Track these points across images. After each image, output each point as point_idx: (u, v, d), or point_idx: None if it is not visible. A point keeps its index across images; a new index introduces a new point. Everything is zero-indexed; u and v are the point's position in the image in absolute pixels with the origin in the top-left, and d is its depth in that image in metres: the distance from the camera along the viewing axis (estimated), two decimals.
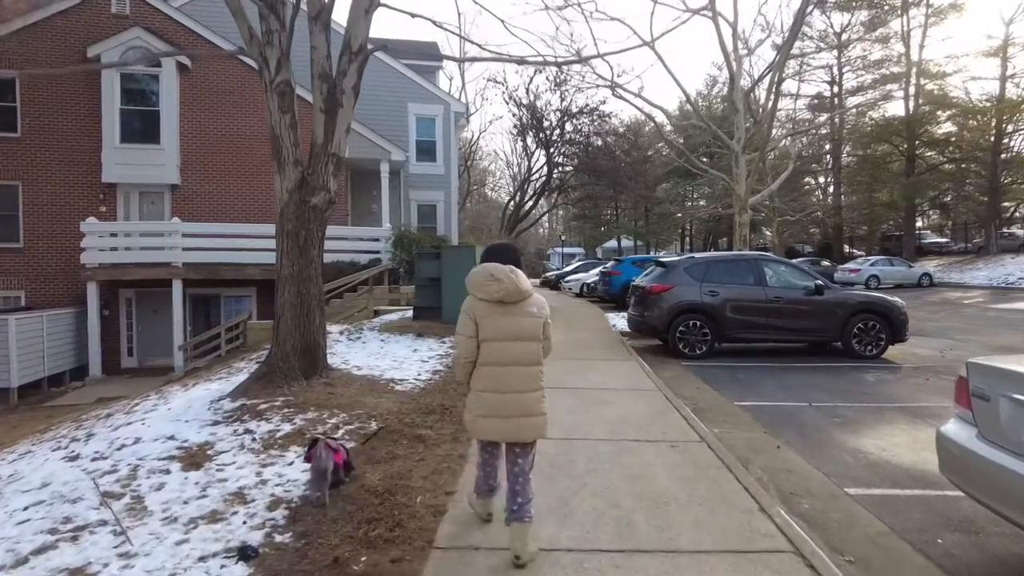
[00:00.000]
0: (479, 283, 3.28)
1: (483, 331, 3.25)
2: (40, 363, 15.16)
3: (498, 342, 3.25)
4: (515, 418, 3.26)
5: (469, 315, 3.29)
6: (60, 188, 17.45)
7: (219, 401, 5.94)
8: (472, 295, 3.33)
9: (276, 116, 6.02)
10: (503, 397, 3.25)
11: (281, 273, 6.18)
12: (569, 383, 7.71)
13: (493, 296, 3.24)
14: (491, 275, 3.26)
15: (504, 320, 3.25)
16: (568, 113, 24.53)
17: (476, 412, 3.31)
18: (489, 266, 3.32)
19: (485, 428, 3.31)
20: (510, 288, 3.23)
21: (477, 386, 3.32)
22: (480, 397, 3.29)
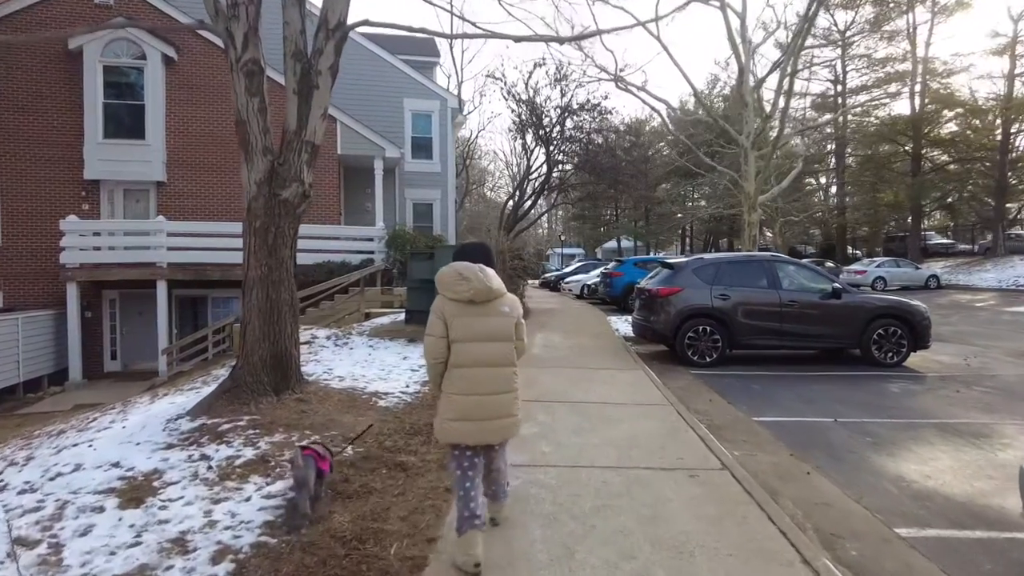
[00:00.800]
0: (448, 282, 3.21)
1: (454, 332, 3.16)
2: (15, 368, 14.46)
3: (470, 343, 3.17)
4: (489, 420, 3.19)
5: (439, 315, 3.20)
6: (40, 185, 16.77)
7: (178, 420, 5.26)
8: (441, 295, 3.23)
9: (243, 99, 5.35)
10: (477, 399, 3.17)
11: (248, 275, 5.50)
12: (572, 396, 7.04)
13: (462, 296, 3.16)
14: (459, 274, 3.19)
15: (475, 320, 3.18)
16: (568, 109, 23.83)
17: (447, 416, 3.21)
18: (458, 265, 3.24)
19: (457, 431, 3.19)
20: (479, 287, 3.16)
21: (449, 389, 3.22)
22: (452, 400, 3.20)
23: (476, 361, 3.17)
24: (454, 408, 3.18)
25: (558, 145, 24.46)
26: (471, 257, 3.33)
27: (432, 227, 20.61)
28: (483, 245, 3.64)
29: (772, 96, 18.13)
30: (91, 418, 6.67)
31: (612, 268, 19.06)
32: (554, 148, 24.41)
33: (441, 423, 3.24)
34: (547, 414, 6.20)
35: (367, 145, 18.24)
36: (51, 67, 16.77)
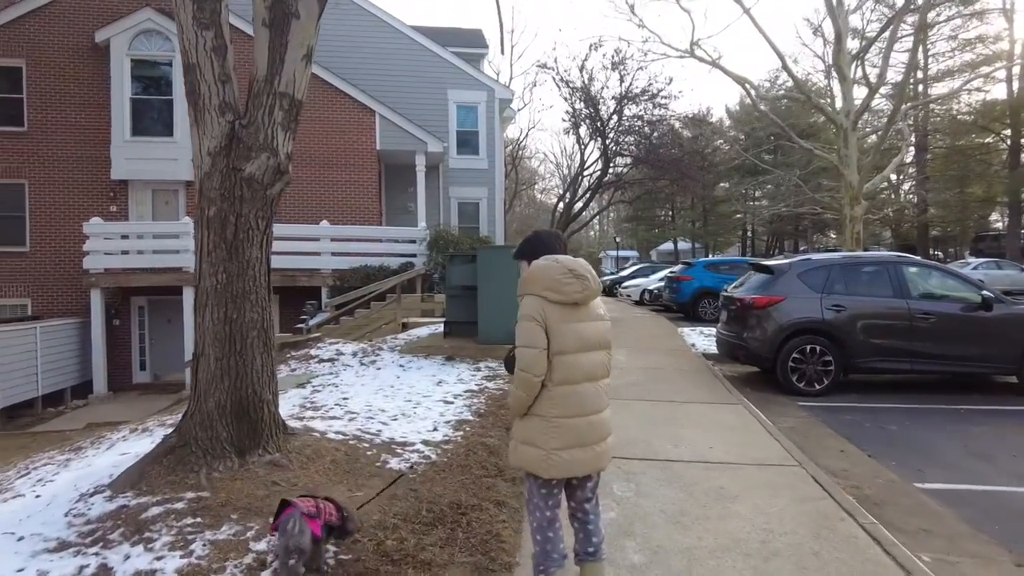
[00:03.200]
0: (551, 280, 2.63)
1: (557, 341, 2.60)
2: (32, 380, 13.47)
3: (574, 354, 2.64)
4: (596, 444, 2.69)
5: (539, 321, 2.60)
6: (68, 186, 15.90)
7: (93, 496, 3.66)
8: (538, 296, 2.63)
9: (190, 33, 3.71)
10: (588, 421, 2.67)
11: (200, 285, 3.88)
12: (658, 449, 5.17)
13: (571, 297, 2.63)
14: (569, 270, 2.65)
15: (580, 326, 2.67)
16: (627, 96, 21.81)
17: (554, 445, 2.61)
18: (564, 260, 2.70)
19: (567, 464, 2.62)
20: (594, 287, 2.70)
21: (551, 411, 2.62)
22: (558, 426, 2.62)
23: (585, 375, 2.67)
24: (563, 434, 2.62)
25: (615, 137, 22.47)
26: (554, 248, 2.78)
27: (479, 228, 18.97)
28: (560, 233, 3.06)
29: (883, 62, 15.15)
30: (28, 468, 5.19)
31: (679, 271, 16.98)
32: (610, 141, 22.41)
33: (547, 457, 2.61)
34: (627, 482, 4.37)
35: (408, 139, 16.75)
36: (77, 62, 15.90)
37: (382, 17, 18.52)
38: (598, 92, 22.04)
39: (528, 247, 2.84)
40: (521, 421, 2.71)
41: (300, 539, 2.84)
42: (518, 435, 2.73)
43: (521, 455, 2.69)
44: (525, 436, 2.68)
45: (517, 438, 2.73)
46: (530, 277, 2.69)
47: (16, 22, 15.71)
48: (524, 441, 2.68)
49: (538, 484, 2.70)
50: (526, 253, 2.84)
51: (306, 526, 2.88)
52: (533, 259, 2.78)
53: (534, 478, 2.69)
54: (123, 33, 15.50)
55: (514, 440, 2.76)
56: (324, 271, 14.93)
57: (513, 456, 2.76)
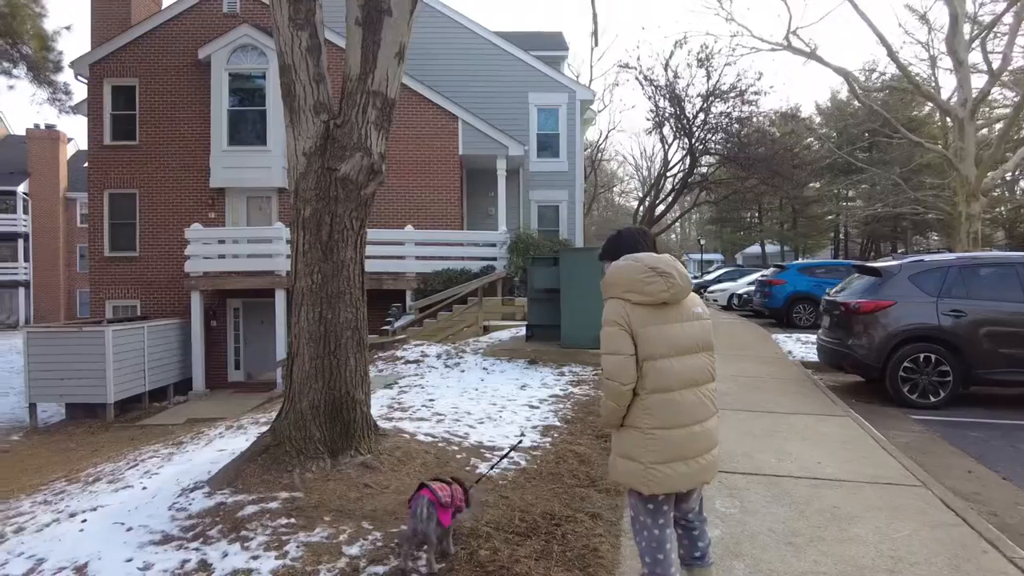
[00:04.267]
0: (632, 281, 2.44)
1: (645, 346, 2.40)
2: (141, 377, 14.36)
3: (666, 359, 2.41)
4: (700, 456, 2.46)
5: (623, 325, 2.41)
6: (173, 195, 16.92)
7: (193, 492, 3.74)
8: (619, 299, 2.45)
9: (286, 33, 3.75)
10: (687, 432, 2.44)
11: (296, 285, 3.90)
12: (762, 463, 4.83)
13: (657, 297, 2.42)
14: (652, 268, 2.43)
15: (671, 328, 2.44)
16: (715, 93, 21.06)
17: (652, 459, 2.41)
18: (645, 257, 2.49)
19: (667, 479, 2.41)
20: (683, 284, 2.46)
21: (646, 422, 2.43)
22: (655, 438, 2.41)
23: (681, 381, 2.46)
24: (661, 447, 2.43)
25: (700, 136, 21.74)
26: (637, 245, 2.57)
27: (558, 231, 18.78)
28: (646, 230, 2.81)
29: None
30: (137, 460, 5.43)
31: (771, 275, 16.16)
32: (696, 139, 21.70)
33: (645, 471, 2.43)
34: (731, 498, 4.07)
35: (490, 144, 16.81)
36: (183, 78, 16.90)
37: (463, 23, 18.71)
38: (683, 90, 21.43)
39: (610, 247, 2.67)
40: (618, 433, 2.54)
41: (427, 525, 2.88)
42: (616, 448, 2.56)
43: (620, 470, 2.52)
44: (622, 449, 2.51)
45: (615, 451, 2.56)
46: (609, 279, 2.53)
47: (131, 44, 16.88)
48: (622, 455, 2.50)
49: (643, 501, 2.50)
50: (608, 253, 2.67)
51: (434, 512, 2.91)
52: (614, 259, 2.61)
53: (637, 495, 2.50)
54: (222, 49, 16.34)
55: (613, 454, 2.59)
56: (408, 274, 15.18)
57: (612, 471, 2.59)
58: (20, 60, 14.85)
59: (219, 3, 17.13)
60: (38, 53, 14.54)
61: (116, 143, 16.92)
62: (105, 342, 13.21)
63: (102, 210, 16.95)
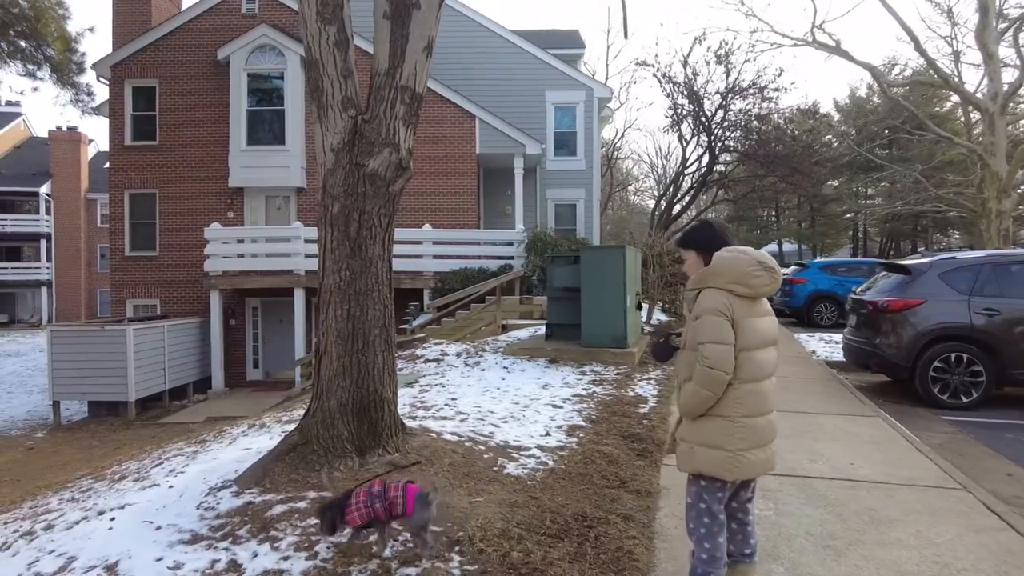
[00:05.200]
0: (741, 272, 2.52)
1: (743, 337, 2.51)
2: (161, 375, 14.48)
3: (756, 350, 2.55)
4: (772, 444, 2.66)
5: (727, 316, 2.50)
6: (192, 195, 17.04)
7: (221, 491, 3.71)
8: (722, 289, 2.53)
9: (314, 28, 3.72)
10: (765, 420, 2.61)
11: (324, 282, 3.86)
12: (794, 464, 4.73)
13: (759, 291, 2.56)
14: (759, 262, 2.53)
15: (760, 321, 2.58)
16: (734, 91, 20.85)
17: (740, 446, 2.53)
18: (750, 251, 2.58)
19: (751, 465, 2.57)
20: (779, 279, 2.61)
21: (735, 411, 2.53)
22: (742, 426, 2.54)
23: (765, 372, 2.62)
24: (748, 435, 2.55)
25: (719, 134, 21.53)
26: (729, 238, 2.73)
27: (575, 229, 18.69)
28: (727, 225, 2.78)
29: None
30: (161, 458, 5.43)
31: (792, 273, 15.96)
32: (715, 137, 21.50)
33: (733, 458, 2.53)
34: (764, 500, 3.98)
35: (507, 143, 16.76)
36: (202, 79, 17.01)
37: (480, 21, 18.67)
38: (701, 87, 21.22)
39: (701, 236, 2.76)
40: (697, 423, 2.59)
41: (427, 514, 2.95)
42: (694, 438, 2.60)
43: (702, 459, 2.57)
44: (705, 438, 2.56)
45: (692, 441, 2.60)
46: (716, 269, 2.57)
47: (151, 46, 17.02)
48: (705, 444, 2.56)
49: (716, 488, 2.59)
50: (700, 243, 2.73)
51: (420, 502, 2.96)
52: (704, 249, 2.69)
53: (712, 481, 2.58)
54: (241, 49, 16.43)
55: (687, 443, 2.64)
56: (426, 273, 15.16)
57: (689, 461, 2.62)
58: (44, 62, 15.04)
59: (238, 4, 17.23)
60: (62, 55, 14.71)
61: (136, 144, 17.06)
62: (126, 341, 13.33)
63: (123, 210, 17.11)
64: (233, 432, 6.37)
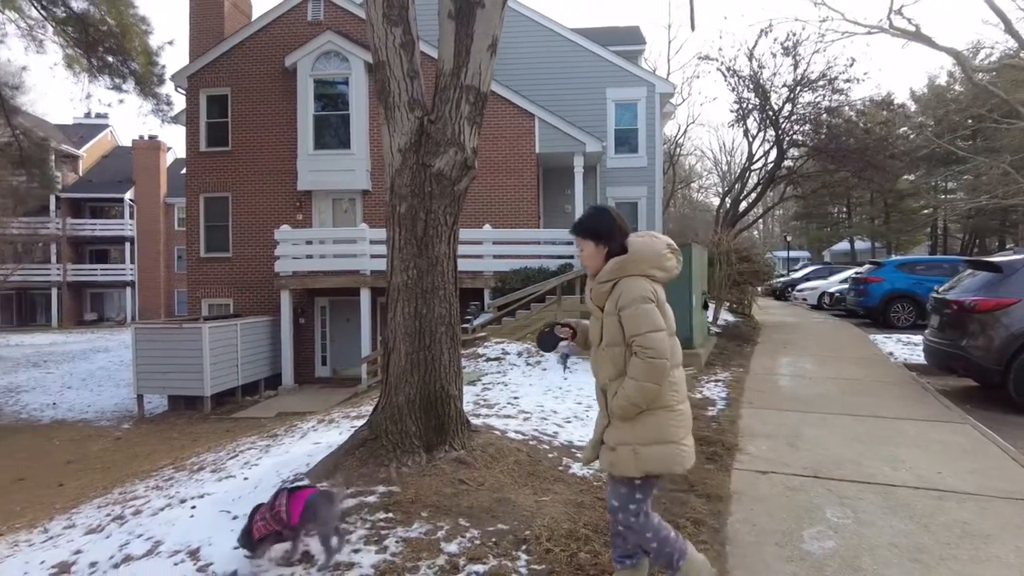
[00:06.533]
0: (660, 255, 2.49)
1: (668, 322, 2.45)
2: (234, 371, 15.08)
3: (673, 335, 2.48)
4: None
5: (656, 301, 2.41)
6: (262, 198, 17.68)
7: (293, 482, 3.82)
8: (644, 276, 2.44)
9: (380, 30, 3.78)
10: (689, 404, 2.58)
11: (392, 281, 3.93)
12: (871, 470, 4.50)
13: (672, 274, 2.52)
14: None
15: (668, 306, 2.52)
16: (802, 83, 20.11)
17: (681, 435, 2.46)
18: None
19: (691, 452, 2.51)
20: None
21: (673, 399, 2.45)
22: (680, 413, 2.48)
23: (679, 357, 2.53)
24: (685, 422, 2.49)
25: (787, 128, 20.80)
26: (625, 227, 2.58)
27: (637, 228, 18.38)
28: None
29: None
30: (236, 451, 5.65)
31: (866, 272, 15.25)
32: (783, 131, 20.79)
33: (679, 449, 2.44)
34: (842, 507, 3.80)
35: (567, 141, 16.68)
36: (271, 86, 17.63)
37: (539, 20, 18.66)
38: (768, 80, 20.56)
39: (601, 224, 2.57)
40: (636, 422, 2.42)
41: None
42: (635, 438, 2.42)
43: (651, 458, 2.41)
44: (651, 435, 2.41)
45: (633, 442, 2.42)
46: (636, 256, 2.47)
47: (224, 56, 17.77)
48: (652, 441, 2.40)
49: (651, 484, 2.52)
50: (599, 232, 2.55)
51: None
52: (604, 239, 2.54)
53: (655, 479, 2.50)
54: (307, 56, 16.94)
55: (628, 446, 2.44)
56: (487, 273, 15.25)
57: (633, 464, 2.43)
58: (129, 75, 15.91)
59: (304, 12, 17.77)
60: (145, 68, 15.52)
61: (211, 150, 17.84)
62: (202, 338, 13.95)
63: (198, 213, 17.93)
64: (303, 427, 6.57)
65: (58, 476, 9.83)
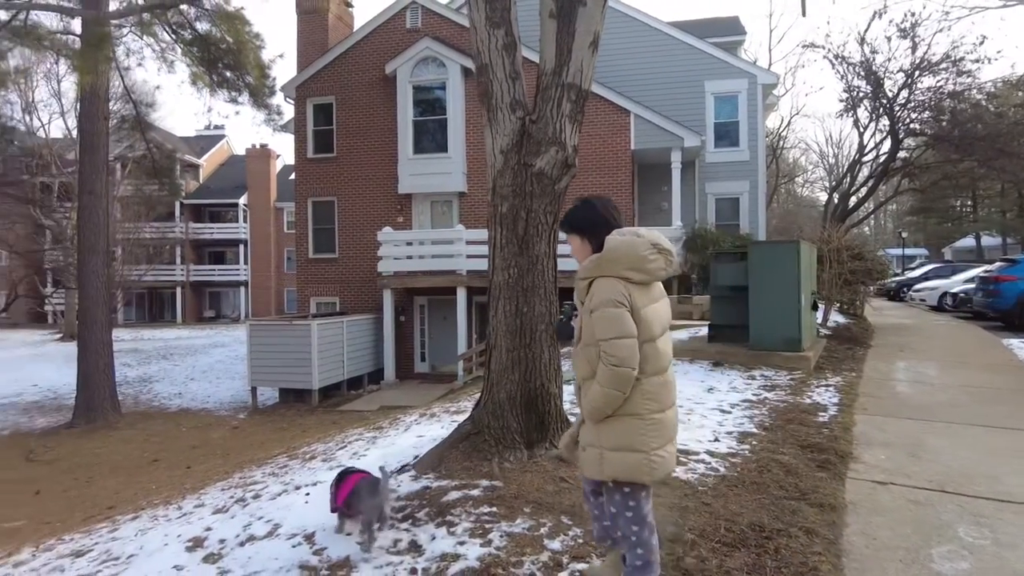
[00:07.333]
0: (639, 258, 2.34)
1: (644, 327, 2.32)
2: (340, 367, 15.83)
3: (659, 339, 2.39)
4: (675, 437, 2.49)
5: (626, 305, 2.30)
6: (365, 201, 18.45)
7: (401, 473, 3.97)
8: (616, 277, 2.33)
9: (482, 33, 3.85)
10: (673, 412, 2.46)
11: (493, 280, 4.00)
12: (1010, 486, 4.12)
13: (656, 276, 2.40)
14: (654, 245, 2.37)
15: (659, 307, 2.43)
16: (922, 67, 18.65)
17: (653, 445, 2.34)
18: (644, 232, 2.42)
19: (666, 463, 2.41)
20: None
21: (646, 407, 2.34)
22: (653, 422, 2.35)
23: (669, 360, 2.45)
24: (659, 432, 2.37)
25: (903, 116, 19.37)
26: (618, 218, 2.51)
27: (738, 225, 17.78)
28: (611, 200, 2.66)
29: None
30: (344, 442, 5.93)
31: (998, 270, 13.95)
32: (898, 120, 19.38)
33: (648, 459, 2.34)
34: (979, 527, 3.50)
35: (663, 136, 16.34)
36: (372, 93, 18.37)
37: (632, 15, 18.38)
38: (882, 65, 19.22)
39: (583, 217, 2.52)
40: (604, 425, 2.38)
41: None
42: (603, 442, 2.38)
43: (615, 464, 2.36)
44: (617, 441, 2.35)
45: (601, 445, 2.39)
46: (610, 256, 2.36)
47: (328, 66, 18.70)
48: (617, 447, 2.35)
49: (638, 491, 2.43)
50: (582, 225, 2.51)
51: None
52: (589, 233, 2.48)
53: (631, 486, 2.41)
54: (406, 63, 17.53)
55: (594, 449, 2.42)
56: None
57: (598, 467, 2.41)
58: (244, 88, 17.06)
59: (402, 20, 18.38)
60: (258, 81, 16.58)
61: (317, 156, 18.82)
62: (311, 335, 14.74)
63: (306, 217, 18.96)
64: (406, 420, 6.81)
65: (186, 459, 10.70)
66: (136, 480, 9.37)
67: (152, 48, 16.47)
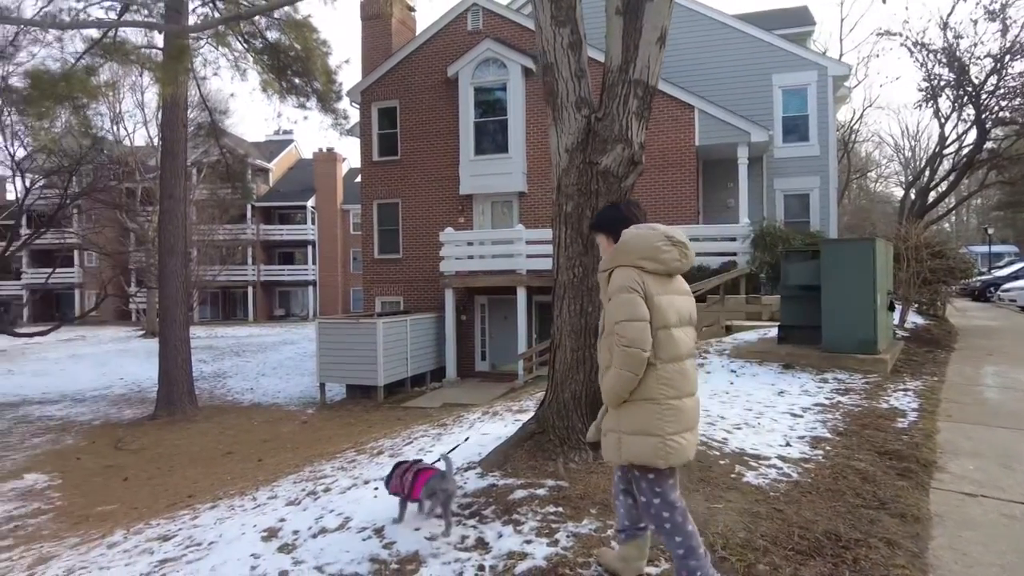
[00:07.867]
0: (652, 248, 2.51)
1: (659, 314, 2.45)
2: (404, 364, 16.14)
3: (675, 328, 2.50)
4: (697, 425, 2.59)
5: (639, 292, 2.44)
6: (428, 203, 18.75)
7: (468, 471, 4.01)
8: (632, 266, 2.50)
9: (548, 31, 3.83)
10: (693, 401, 2.56)
11: (558, 279, 3.98)
12: None
13: (670, 267, 2.53)
14: (668, 237, 2.54)
15: (676, 299, 2.55)
16: (1014, 50, 17.48)
17: (671, 429, 2.44)
18: (660, 226, 2.61)
19: (684, 449, 2.48)
20: (691, 255, 2.60)
21: (661, 394, 2.45)
22: (670, 408, 2.45)
23: (687, 351, 2.54)
24: (676, 418, 2.45)
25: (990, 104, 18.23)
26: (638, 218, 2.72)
27: (808, 222, 17.12)
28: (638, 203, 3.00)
29: None
30: (410, 438, 6.04)
31: None
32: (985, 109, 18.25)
33: (663, 444, 2.42)
34: None
35: (729, 132, 15.91)
36: (435, 96, 18.63)
37: (695, 8, 17.96)
38: (967, 51, 18.13)
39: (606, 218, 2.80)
40: (622, 410, 2.50)
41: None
42: (621, 426, 2.51)
43: (632, 448, 2.47)
44: (634, 425, 2.46)
45: (619, 430, 2.51)
46: (624, 247, 2.55)
47: (392, 70, 19.09)
48: (634, 431, 2.46)
49: (662, 478, 2.51)
50: (605, 225, 2.76)
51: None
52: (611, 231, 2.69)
53: (655, 472, 2.49)
54: (468, 65, 17.69)
55: (614, 433, 2.54)
56: None
57: (617, 452, 2.54)
58: (312, 94, 17.63)
59: (464, 22, 18.56)
60: (325, 86, 17.11)
61: (382, 159, 19.23)
62: (377, 333, 15.09)
63: (372, 218, 19.41)
64: (469, 418, 6.88)
65: (258, 452, 11.14)
66: (212, 471, 9.82)
67: (226, 58, 17.23)
